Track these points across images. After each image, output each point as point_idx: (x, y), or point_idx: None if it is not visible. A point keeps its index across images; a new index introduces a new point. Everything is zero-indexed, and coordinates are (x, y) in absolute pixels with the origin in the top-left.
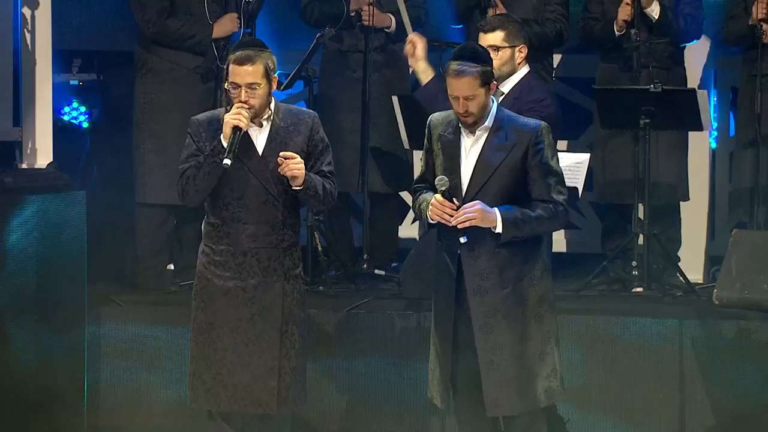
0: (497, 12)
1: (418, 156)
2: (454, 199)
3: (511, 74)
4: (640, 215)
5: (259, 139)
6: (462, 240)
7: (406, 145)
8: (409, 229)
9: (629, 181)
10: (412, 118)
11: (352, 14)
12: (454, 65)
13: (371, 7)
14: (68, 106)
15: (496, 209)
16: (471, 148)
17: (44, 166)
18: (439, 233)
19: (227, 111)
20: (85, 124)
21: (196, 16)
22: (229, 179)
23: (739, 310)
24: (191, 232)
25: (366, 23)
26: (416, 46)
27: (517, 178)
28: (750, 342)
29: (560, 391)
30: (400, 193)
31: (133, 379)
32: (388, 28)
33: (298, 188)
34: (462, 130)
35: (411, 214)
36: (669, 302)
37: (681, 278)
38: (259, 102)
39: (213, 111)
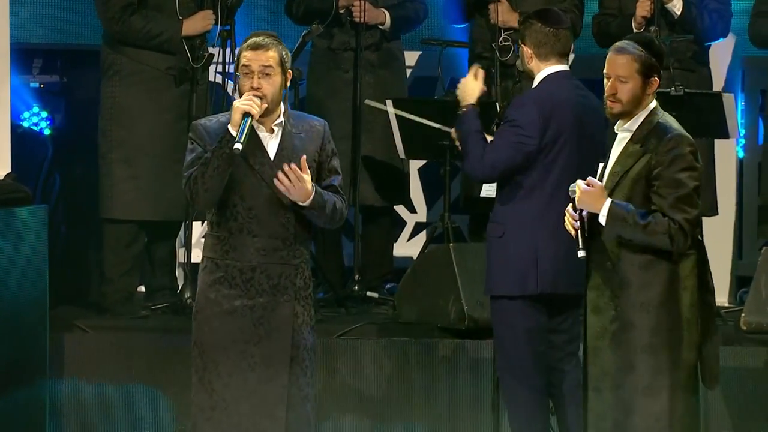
0: (500, 7)
1: (414, 166)
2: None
3: None
4: None
5: (270, 145)
6: (579, 254)
7: (402, 154)
8: (404, 247)
9: None
10: (408, 125)
11: (342, 11)
12: (619, 42)
13: (363, 3)
14: (28, 110)
15: (608, 199)
16: (610, 154)
17: (1, 178)
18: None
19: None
20: (47, 131)
21: (165, 12)
22: (239, 187)
23: None
24: (164, 251)
25: (357, 20)
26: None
27: (642, 191)
28: None
29: None
30: (395, 207)
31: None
32: (383, 24)
33: (304, 205)
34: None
35: (407, 231)
36: None
37: None
38: (272, 92)
39: (219, 116)
